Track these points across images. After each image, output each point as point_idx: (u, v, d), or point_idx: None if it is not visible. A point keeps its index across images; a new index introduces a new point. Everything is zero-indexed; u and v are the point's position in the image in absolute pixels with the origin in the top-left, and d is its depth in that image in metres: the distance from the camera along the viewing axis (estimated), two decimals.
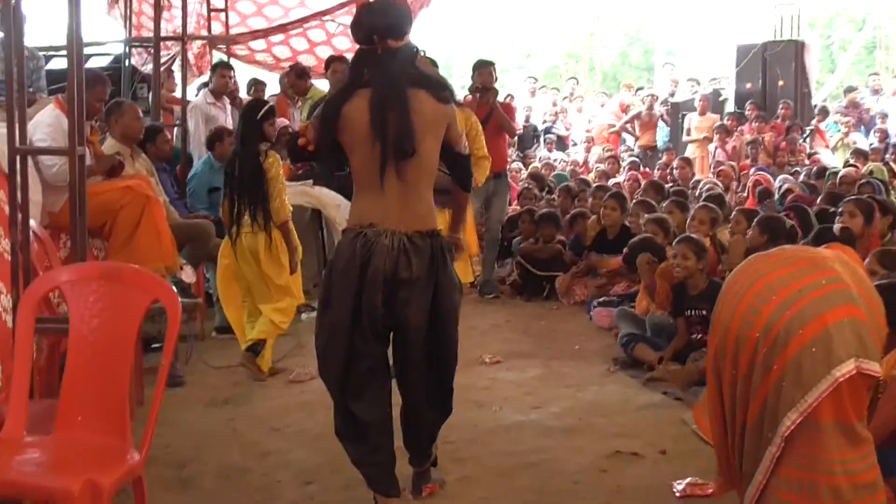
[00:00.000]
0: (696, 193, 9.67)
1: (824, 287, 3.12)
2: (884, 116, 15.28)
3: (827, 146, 14.82)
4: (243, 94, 10.58)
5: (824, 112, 15.58)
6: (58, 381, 5.48)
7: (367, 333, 3.98)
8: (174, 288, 3.72)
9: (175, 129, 10.12)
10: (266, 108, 6.53)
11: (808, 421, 3.11)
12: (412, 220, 3.97)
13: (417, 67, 4.01)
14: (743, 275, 3.31)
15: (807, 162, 13.24)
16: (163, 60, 10.36)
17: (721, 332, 3.26)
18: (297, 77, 10.24)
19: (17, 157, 4.46)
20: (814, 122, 15.21)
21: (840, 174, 9.63)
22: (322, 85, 10.68)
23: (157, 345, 6.55)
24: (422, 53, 4.24)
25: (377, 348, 4.08)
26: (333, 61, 8.58)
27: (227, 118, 9.59)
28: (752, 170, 12.14)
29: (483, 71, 8.68)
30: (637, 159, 14.31)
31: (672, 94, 16.61)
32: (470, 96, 8.75)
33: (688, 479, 4.42)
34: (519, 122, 14.28)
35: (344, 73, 8.17)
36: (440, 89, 4.00)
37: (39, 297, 3.84)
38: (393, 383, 4.23)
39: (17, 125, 4.47)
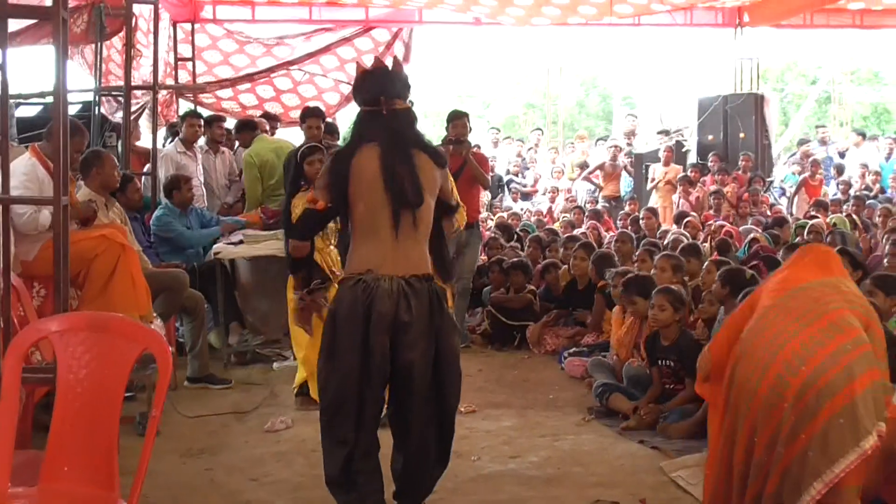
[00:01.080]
0: (665, 243, 9.75)
1: (849, 354, 3.19)
2: (839, 170, 15.64)
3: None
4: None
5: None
6: (31, 431, 5.47)
7: (375, 379, 4.11)
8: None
9: (143, 178, 10.10)
10: (304, 149, 6.87)
11: (832, 489, 3.17)
12: (408, 265, 4.15)
13: (418, 130, 4.32)
14: (765, 339, 3.34)
15: (768, 213, 13.42)
16: (133, 109, 10.37)
17: (744, 398, 3.29)
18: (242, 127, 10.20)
19: (0, 207, 4.44)
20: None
21: (807, 226, 9.78)
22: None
23: (128, 394, 6.49)
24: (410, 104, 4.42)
25: (380, 394, 4.20)
26: (309, 117, 8.53)
27: (198, 167, 9.61)
28: (714, 220, 12.29)
29: (458, 123, 8.59)
30: (598, 209, 14.43)
31: (629, 144, 16.79)
32: (443, 148, 8.76)
33: None
34: None
35: (319, 129, 8.27)
36: (436, 155, 4.32)
37: (27, 347, 3.82)
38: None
39: None
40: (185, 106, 12.91)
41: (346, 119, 14.04)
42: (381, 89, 4.24)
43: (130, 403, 6.34)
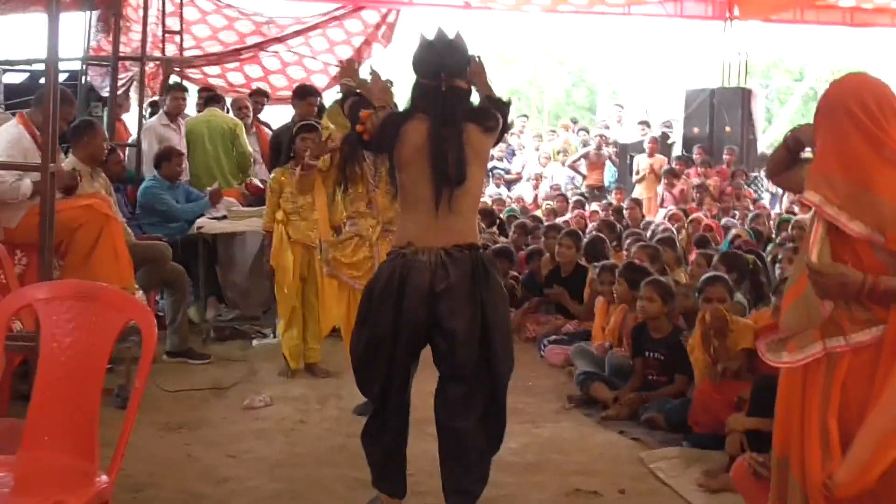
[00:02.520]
0: (648, 235, 9.76)
1: None
2: None
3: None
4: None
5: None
6: (8, 399, 5.43)
7: (404, 348, 4.18)
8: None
9: (127, 149, 10.04)
10: (299, 125, 7.02)
11: None
12: (450, 236, 4.16)
13: (471, 103, 4.32)
14: None
15: (751, 207, 13.46)
16: (121, 83, 10.31)
17: None
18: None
19: None
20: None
21: (792, 221, 9.79)
22: None
23: (108, 365, 6.46)
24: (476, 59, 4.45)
25: (410, 362, 4.30)
26: (309, 94, 8.52)
27: (182, 140, 9.52)
28: (697, 213, 12.30)
29: None
30: (583, 198, 14.44)
31: (607, 128, 16.85)
32: None
33: None
34: None
35: (314, 106, 8.31)
36: (488, 120, 4.27)
37: (11, 314, 3.78)
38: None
39: None
40: (172, 80, 12.79)
41: (330, 98, 13.97)
42: (442, 64, 4.20)
43: (109, 376, 6.30)
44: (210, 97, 10.11)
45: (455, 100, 4.21)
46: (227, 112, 10.11)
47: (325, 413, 6.18)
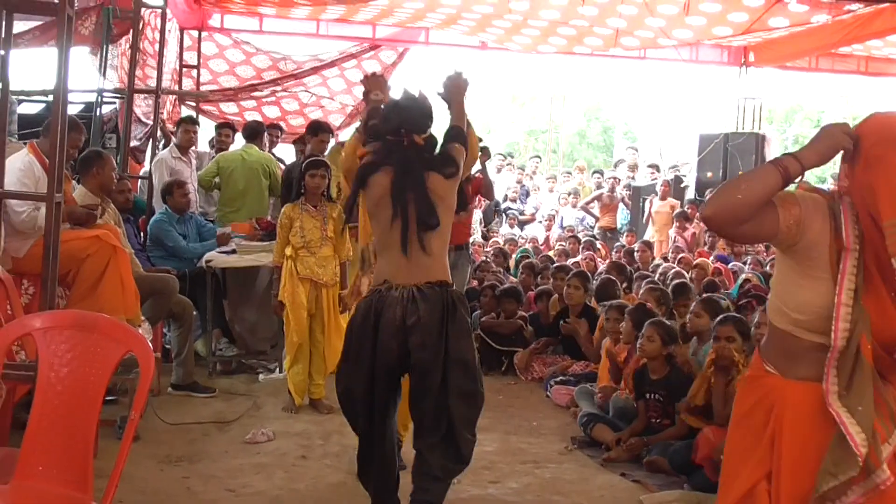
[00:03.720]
0: (657, 277, 9.74)
1: None
2: None
3: None
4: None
5: None
6: (9, 429, 5.43)
7: (382, 377, 4.45)
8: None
9: (139, 181, 10.13)
10: (308, 161, 7.17)
11: None
12: (421, 274, 4.46)
13: (432, 153, 4.60)
14: None
15: (763, 252, 13.41)
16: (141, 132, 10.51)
17: None
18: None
19: None
20: None
21: None
22: None
23: (111, 397, 6.48)
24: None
25: (390, 389, 4.56)
26: (322, 131, 8.75)
27: (193, 172, 9.60)
28: (710, 257, 12.27)
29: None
30: (593, 239, 14.43)
31: (632, 178, 16.87)
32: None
33: None
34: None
35: (327, 143, 8.50)
36: (447, 167, 4.55)
37: (9, 342, 3.79)
38: None
39: None
40: (186, 113, 12.91)
41: (345, 137, 14.07)
42: (404, 122, 4.54)
43: (113, 407, 6.32)
44: (252, 132, 10.16)
45: (415, 153, 4.52)
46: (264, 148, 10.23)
47: (327, 449, 6.16)
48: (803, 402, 2.83)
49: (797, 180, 2.82)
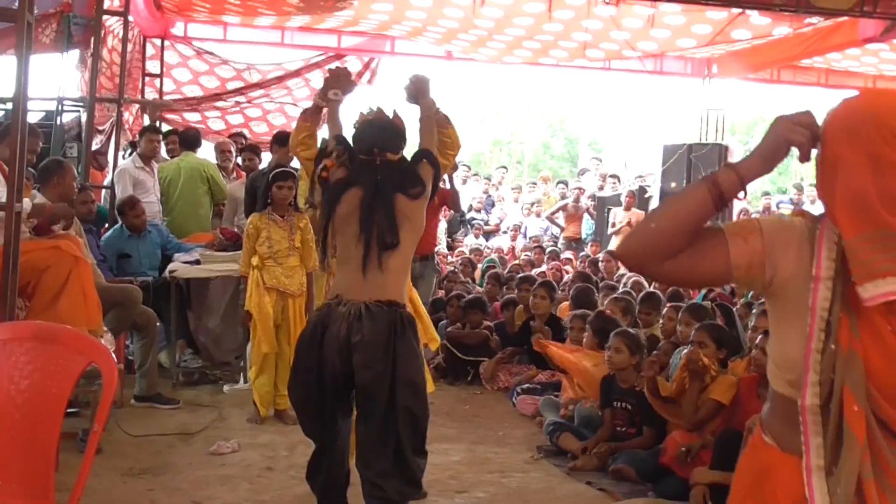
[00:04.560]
0: (621, 287, 9.76)
1: None
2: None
3: None
4: None
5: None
6: None
7: (330, 392, 4.37)
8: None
9: (102, 191, 10.04)
10: (276, 172, 7.15)
11: None
12: (373, 292, 4.35)
13: (402, 173, 4.51)
14: None
15: None
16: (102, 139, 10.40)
17: None
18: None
19: None
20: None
21: None
22: None
23: (72, 409, 6.38)
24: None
25: (339, 402, 4.46)
26: (288, 141, 8.69)
27: (155, 183, 9.53)
28: None
29: None
30: (558, 249, 14.47)
31: (601, 188, 16.94)
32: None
33: None
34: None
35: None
36: (414, 187, 4.48)
37: None
38: None
39: None
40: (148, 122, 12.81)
41: None
42: (376, 142, 4.49)
43: (75, 419, 6.23)
44: (185, 141, 10.10)
45: (387, 173, 4.46)
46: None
47: (293, 460, 6.11)
48: (799, 482, 2.20)
49: (743, 197, 2.31)
